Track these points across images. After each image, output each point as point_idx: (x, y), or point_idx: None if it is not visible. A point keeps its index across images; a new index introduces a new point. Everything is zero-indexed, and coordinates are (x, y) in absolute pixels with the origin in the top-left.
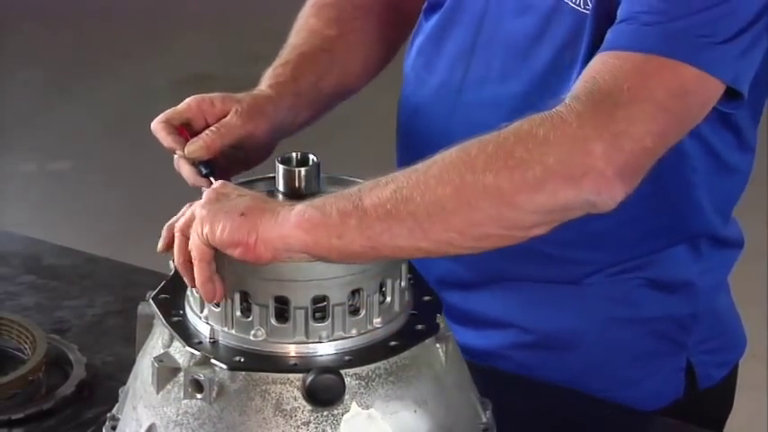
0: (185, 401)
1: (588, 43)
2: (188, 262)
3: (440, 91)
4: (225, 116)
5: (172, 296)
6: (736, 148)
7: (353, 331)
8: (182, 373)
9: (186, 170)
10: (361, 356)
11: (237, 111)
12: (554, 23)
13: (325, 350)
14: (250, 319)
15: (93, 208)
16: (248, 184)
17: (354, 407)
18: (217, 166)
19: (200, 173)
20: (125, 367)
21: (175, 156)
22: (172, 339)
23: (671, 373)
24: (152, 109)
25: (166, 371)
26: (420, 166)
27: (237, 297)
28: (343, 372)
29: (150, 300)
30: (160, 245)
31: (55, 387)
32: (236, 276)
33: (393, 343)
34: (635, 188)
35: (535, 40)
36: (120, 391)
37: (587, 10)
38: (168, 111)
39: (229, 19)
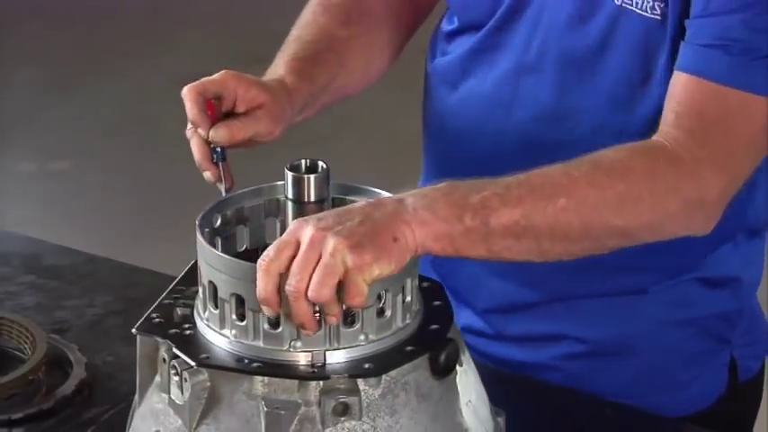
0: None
1: (669, 53)
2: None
3: (488, 112)
4: (255, 104)
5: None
6: None
7: (384, 333)
8: (303, 409)
9: (198, 147)
10: (390, 360)
11: (268, 109)
12: (620, 32)
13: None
14: (280, 330)
15: (93, 208)
16: (256, 190)
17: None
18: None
19: (211, 156)
20: (125, 367)
21: (190, 127)
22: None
23: (717, 369)
24: (152, 109)
25: (292, 414)
26: (544, 187)
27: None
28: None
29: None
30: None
31: (55, 387)
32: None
33: (410, 348)
34: None
35: (598, 52)
36: None
37: (656, 15)
38: (204, 80)
39: (229, 19)
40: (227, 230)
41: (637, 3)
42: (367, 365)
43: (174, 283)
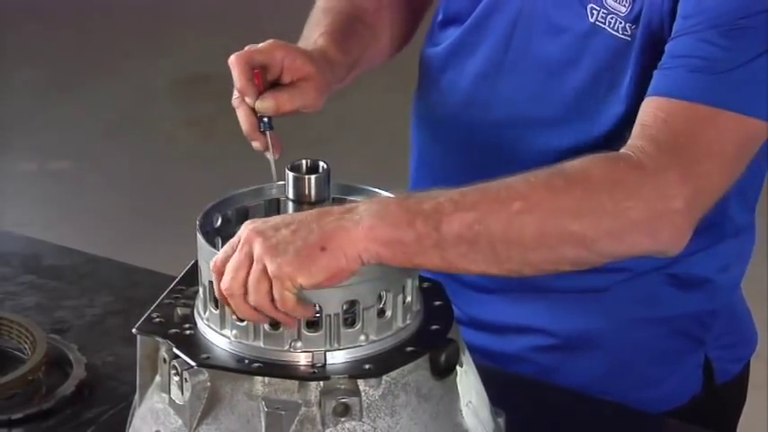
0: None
1: (633, 73)
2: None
3: (464, 107)
4: (301, 75)
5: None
6: None
7: (384, 333)
8: (303, 409)
9: (245, 117)
10: (392, 359)
11: (313, 80)
12: (591, 48)
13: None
14: (280, 330)
15: (93, 208)
16: (257, 190)
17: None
18: None
19: (258, 126)
20: (125, 367)
21: (236, 95)
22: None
23: (690, 369)
24: (152, 109)
25: (292, 414)
26: (499, 191)
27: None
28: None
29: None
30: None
31: (55, 387)
32: None
33: (410, 349)
34: None
35: (569, 63)
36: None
37: (626, 36)
38: (251, 49)
39: (229, 19)
40: (228, 230)
41: (610, 23)
42: (367, 366)
43: (174, 283)
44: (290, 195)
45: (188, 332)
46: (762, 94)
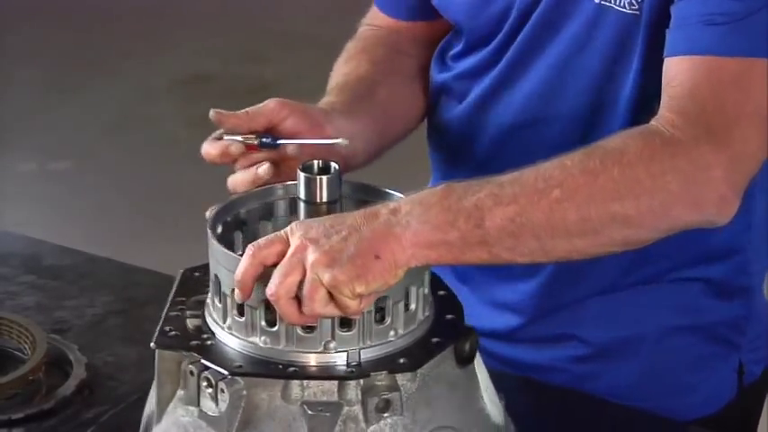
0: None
1: (643, 46)
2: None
3: (473, 111)
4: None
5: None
6: None
7: (410, 328)
8: (345, 409)
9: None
10: (417, 354)
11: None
12: (600, 28)
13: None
14: (314, 333)
15: (93, 208)
16: (267, 190)
17: None
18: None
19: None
20: (125, 367)
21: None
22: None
23: (725, 374)
24: (152, 109)
25: (335, 414)
26: (537, 181)
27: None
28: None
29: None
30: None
31: (55, 387)
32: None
33: (435, 340)
34: None
35: (580, 49)
36: None
37: (634, 11)
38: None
39: (229, 19)
40: (229, 236)
41: (615, 0)
42: (402, 360)
43: (172, 296)
44: (302, 196)
45: (209, 342)
46: None
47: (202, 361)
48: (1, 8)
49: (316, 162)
